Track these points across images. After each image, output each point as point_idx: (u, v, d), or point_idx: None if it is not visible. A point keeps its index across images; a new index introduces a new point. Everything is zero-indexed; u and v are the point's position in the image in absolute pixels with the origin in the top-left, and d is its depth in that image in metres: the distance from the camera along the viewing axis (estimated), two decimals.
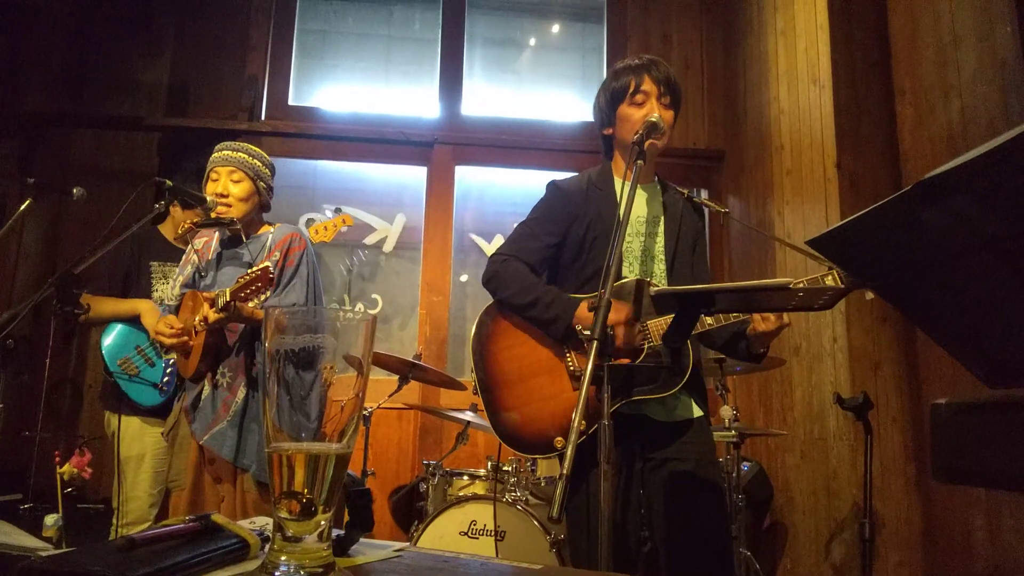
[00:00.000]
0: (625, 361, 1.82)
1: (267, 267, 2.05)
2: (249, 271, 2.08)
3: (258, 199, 2.41)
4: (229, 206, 2.34)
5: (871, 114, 3.22)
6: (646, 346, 1.82)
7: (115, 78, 4.36)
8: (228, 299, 2.09)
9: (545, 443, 1.84)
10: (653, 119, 1.85)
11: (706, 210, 2.09)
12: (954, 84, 2.63)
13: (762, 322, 1.74)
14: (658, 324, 1.82)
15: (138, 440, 3.04)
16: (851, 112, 3.24)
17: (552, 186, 2.09)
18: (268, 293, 2.07)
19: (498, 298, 1.98)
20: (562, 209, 2.02)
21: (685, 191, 2.03)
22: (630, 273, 1.95)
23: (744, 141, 4.27)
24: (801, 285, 1.62)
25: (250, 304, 2.13)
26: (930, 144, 2.72)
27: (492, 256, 2.03)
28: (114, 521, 3.05)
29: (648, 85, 1.94)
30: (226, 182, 2.34)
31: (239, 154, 2.39)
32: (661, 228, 1.98)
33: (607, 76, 2.06)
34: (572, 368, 1.87)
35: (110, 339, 3.10)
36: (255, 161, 2.41)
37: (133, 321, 3.05)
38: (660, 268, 1.95)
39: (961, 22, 2.58)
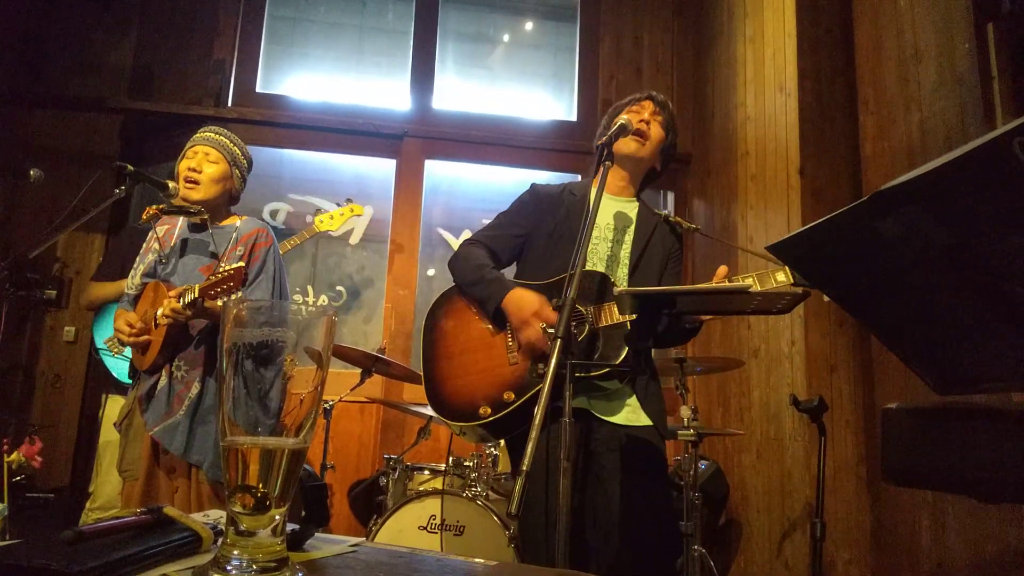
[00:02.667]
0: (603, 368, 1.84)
1: (241, 267, 2.01)
2: (222, 268, 2.03)
3: (230, 185, 2.37)
4: (196, 183, 2.29)
5: (835, 123, 3.29)
6: (586, 328, 1.88)
7: (77, 57, 4.25)
8: (196, 296, 2.05)
9: (472, 411, 1.92)
10: (622, 120, 1.94)
11: (683, 235, 2.20)
12: (914, 97, 2.69)
13: None
14: (603, 309, 1.87)
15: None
16: (815, 120, 3.30)
17: (531, 186, 2.23)
18: (240, 292, 2.03)
19: (453, 276, 2.11)
20: (534, 207, 2.16)
21: (663, 213, 2.14)
22: None
23: (711, 145, 4.32)
24: (756, 288, 1.67)
25: (219, 301, 2.09)
26: (890, 155, 2.78)
27: (465, 239, 2.18)
28: (86, 505, 3.00)
29: (647, 103, 2.14)
30: (201, 159, 2.31)
31: (221, 138, 2.38)
32: (630, 236, 2.06)
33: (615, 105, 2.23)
34: (511, 344, 1.95)
35: (101, 318, 3.17)
36: (236, 149, 2.39)
37: None
38: (623, 272, 2.02)
39: (923, 37, 2.64)
